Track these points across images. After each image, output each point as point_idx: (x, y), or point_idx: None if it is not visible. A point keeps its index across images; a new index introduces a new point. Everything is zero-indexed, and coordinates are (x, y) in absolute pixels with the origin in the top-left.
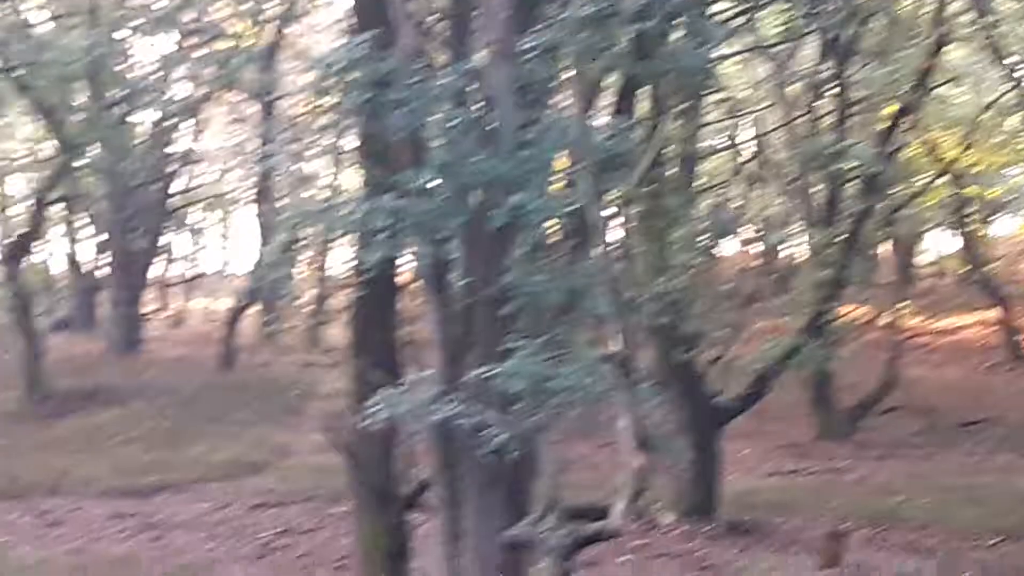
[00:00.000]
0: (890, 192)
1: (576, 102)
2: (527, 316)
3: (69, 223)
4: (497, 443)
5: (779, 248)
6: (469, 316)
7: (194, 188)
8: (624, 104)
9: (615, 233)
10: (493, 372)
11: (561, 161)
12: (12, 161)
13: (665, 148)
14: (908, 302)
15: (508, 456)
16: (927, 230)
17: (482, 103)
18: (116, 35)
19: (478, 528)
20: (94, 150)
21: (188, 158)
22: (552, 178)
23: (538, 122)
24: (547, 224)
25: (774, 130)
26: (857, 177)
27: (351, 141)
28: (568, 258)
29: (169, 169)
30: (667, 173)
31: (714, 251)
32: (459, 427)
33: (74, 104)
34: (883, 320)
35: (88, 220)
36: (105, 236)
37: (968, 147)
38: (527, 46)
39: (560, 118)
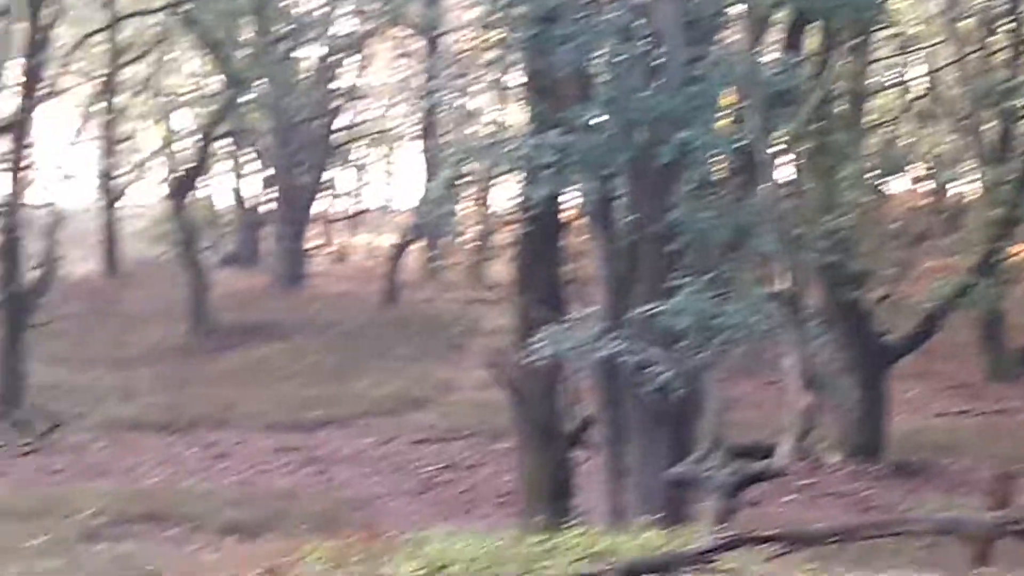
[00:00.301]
0: None
1: (744, 37)
2: (693, 253)
3: (234, 158)
4: (662, 381)
5: (950, 186)
6: (634, 253)
7: (359, 124)
8: (793, 40)
9: (783, 170)
10: (658, 309)
11: (728, 97)
12: (178, 96)
13: (834, 84)
14: None
15: (673, 394)
16: None
17: (649, 38)
18: None
19: (642, 466)
20: (259, 85)
21: (353, 93)
22: (719, 114)
23: (706, 57)
24: (714, 160)
25: (946, 66)
26: None
27: (516, 76)
28: (735, 195)
29: (334, 105)
30: (836, 110)
31: (883, 189)
32: (623, 364)
33: (240, 39)
34: None
35: (253, 155)
36: (270, 171)
37: None
38: None
39: (728, 54)
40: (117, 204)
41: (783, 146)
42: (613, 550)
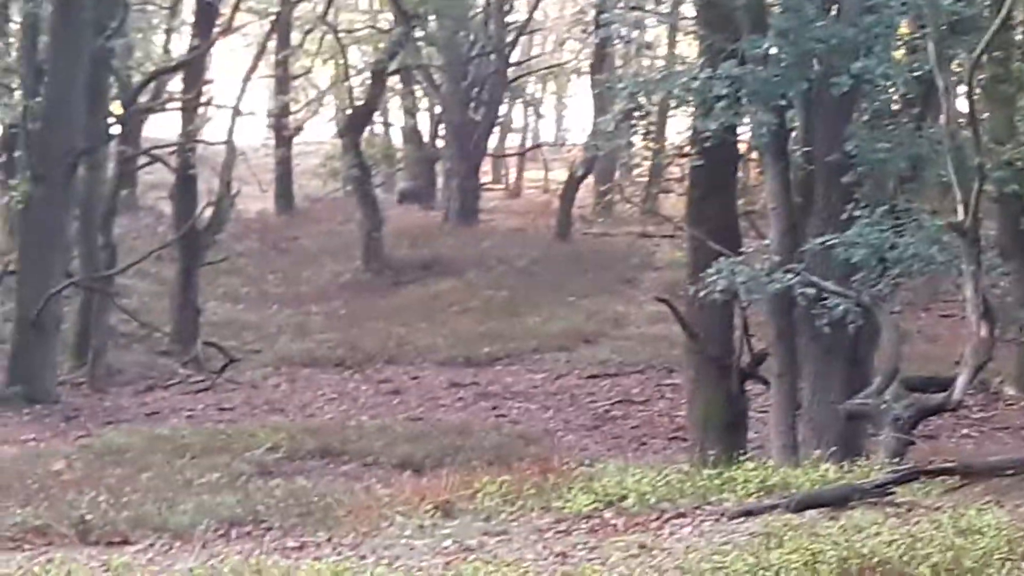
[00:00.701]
0: None
1: None
2: (869, 184)
3: (408, 95)
4: (836, 314)
5: None
6: (809, 185)
7: (531, 59)
8: None
9: (960, 100)
10: (833, 241)
11: (906, 26)
12: (351, 33)
13: (1014, 11)
14: None
15: (848, 327)
16: None
17: None
18: None
19: (816, 399)
20: (432, 21)
21: (525, 28)
22: (896, 44)
23: None
24: (891, 90)
25: None
26: None
27: (689, 8)
28: (912, 125)
29: (507, 40)
30: (1017, 37)
31: None
32: (797, 297)
33: None
34: None
35: (426, 91)
36: (443, 108)
37: None
38: None
39: None
40: (291, 141)
41: (961, 75)
42: (787, 483)
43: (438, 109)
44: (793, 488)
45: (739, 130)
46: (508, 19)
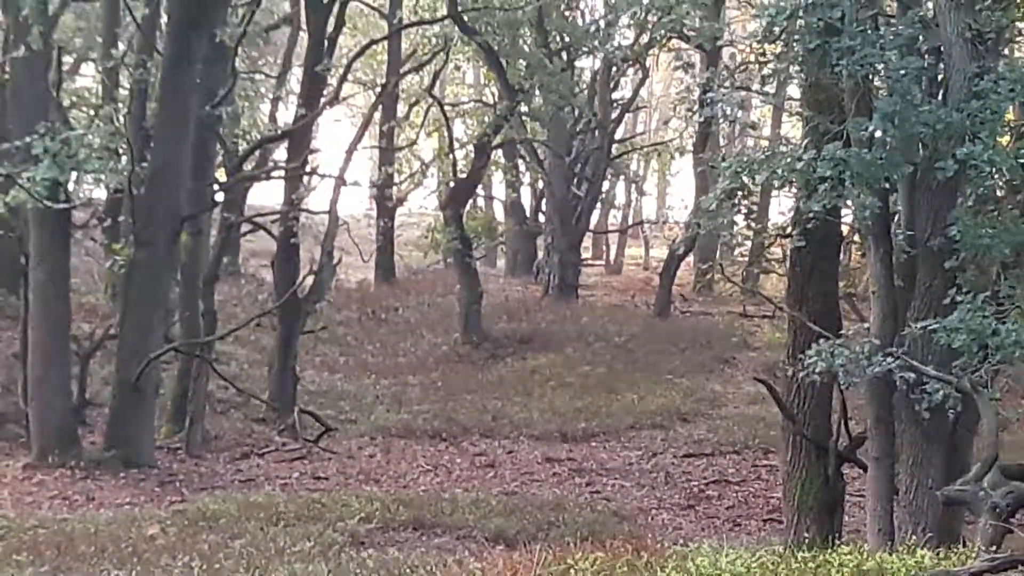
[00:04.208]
0: None
1: None
2: (971, 270)
3: (511, 168)
4: (936, 399)
5: None
6: (911, 268)
7: (635, 136)
8: None
9: None
10: (934, 326)
11: (1012, 112)
12: (457, 106)
13: None
14: None
15: (947, 412)
16: None
17: (932, 51)
18: None
19: (913, 484)
20: (537, 96)
21: (630, 105)
22: (1003, 129)
23: (991, 71)
24: (995, 176)
25: None
26: None
27: (794, 89)
28: (1016, 212)
29: (612, 116)
30: None
31: None
32: (897, 381)
33: (520, 49)
34: None
35: (530, 166)
36: (545, 182)
37: None
38: None
39: (1014, 68)
40: (394, 212)
41: None
42: (883, 569)
43: (541, 183)
44: (889, 574)
45: (842, 212)
46: (613, 96)
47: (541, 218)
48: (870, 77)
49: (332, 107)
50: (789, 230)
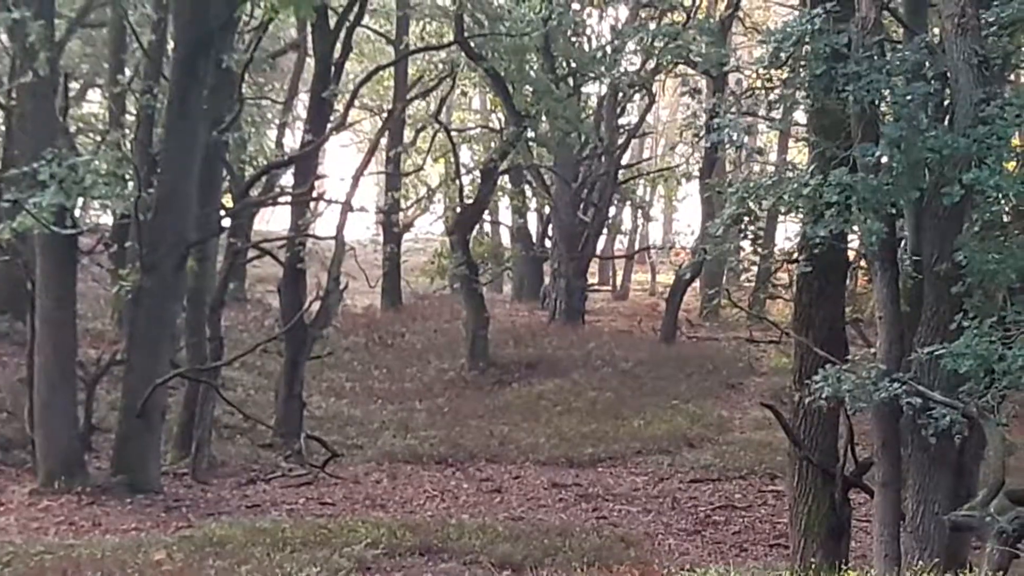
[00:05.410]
0: None
1: None
2: (978, 295)
3: (517, 194)
4: (942, 424)
5: None
6: (917, 294)
7: (641, 161)
8: None
9: None
10: (941, 351)
11: (1018, 137)
12: (463, 132)
13: None
14: None
15: (953, 438)
16: None
17: (939, 77)
18: (570, 7)
19: (920, 509)
20: (544, 122)
21: (637, 131)
22: (1009, 155)
23: (997, 97)
24: (1002, 201)
25: None
26: None
27: (800, 115)
28: (1023, 237)
29: (618, 142)
30: None
31: None
32: (904, 407)
33: (526, 75)
34: None
35: (536, 191)
36: (552, 208)
37: None
38: (987, 20)
39: (1021, 93)
40: (401, 238)
41: None
42: None
43: (547, 209)
44: None
45: (849, 237)
46: (620, 122)
47: (548, 243)
48: (876, 103)
49: (339, 133)
50: (795, 255)
